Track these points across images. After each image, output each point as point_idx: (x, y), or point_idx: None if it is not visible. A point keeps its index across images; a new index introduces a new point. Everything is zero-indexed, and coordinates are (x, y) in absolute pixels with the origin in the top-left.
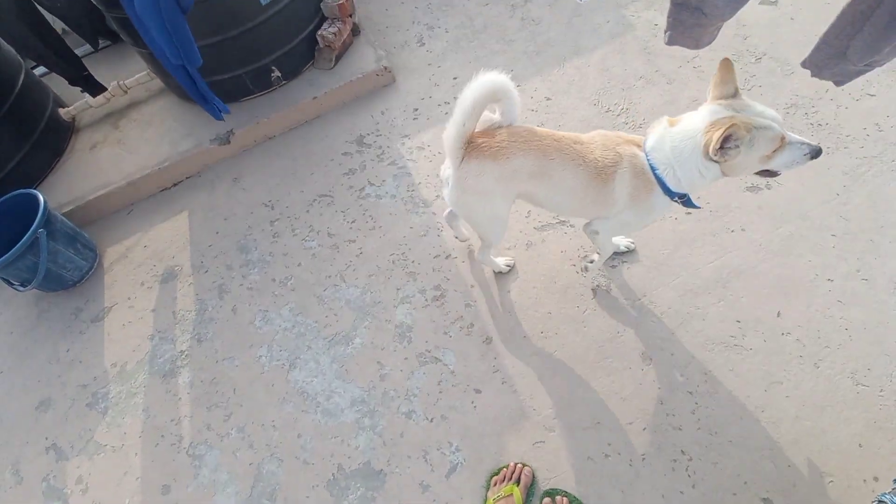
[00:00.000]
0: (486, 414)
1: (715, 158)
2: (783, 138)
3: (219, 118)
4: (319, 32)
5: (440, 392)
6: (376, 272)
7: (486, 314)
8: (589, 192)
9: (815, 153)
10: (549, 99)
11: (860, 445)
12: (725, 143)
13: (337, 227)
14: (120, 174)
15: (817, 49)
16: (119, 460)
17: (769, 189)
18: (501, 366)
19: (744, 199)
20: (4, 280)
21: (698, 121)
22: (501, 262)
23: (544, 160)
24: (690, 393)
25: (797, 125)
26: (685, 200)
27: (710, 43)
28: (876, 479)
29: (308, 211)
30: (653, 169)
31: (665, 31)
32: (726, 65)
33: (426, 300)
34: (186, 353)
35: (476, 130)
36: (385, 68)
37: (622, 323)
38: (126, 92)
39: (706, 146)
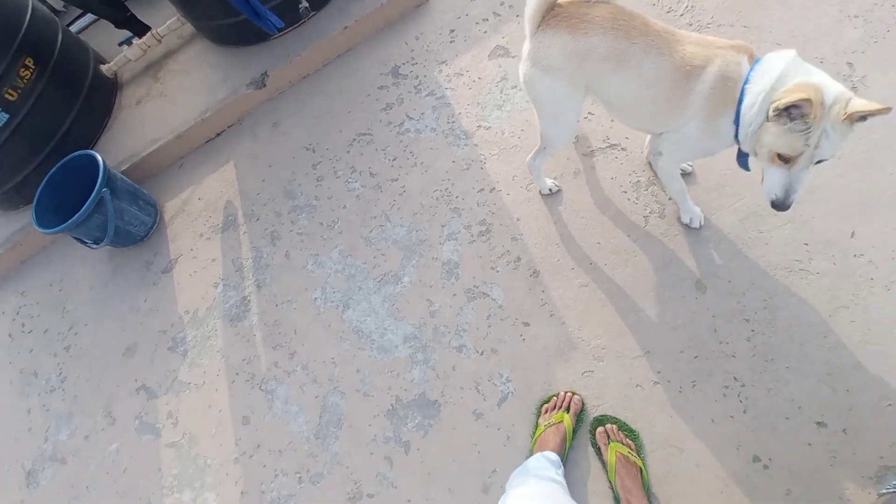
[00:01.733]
0: (535, 346)
1: (771, 114)
2: (793, 159)
3: (273, 32)
4: None
5: (489, 326)
6: (420, 210)
7: (533, 247)
8: (665, 88)
9: (778, 203)
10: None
11: None
12: (793, 108)
13: (378, 166)
14: (167, 128)
15: None
16: (202, 396)
17: (856, 91)
18: (549, 298)
19: None
20: (78, 239)
21: (806, 75)
22: (549, 182)
23: (626, 43)
24: (747, 320)
25: (887, 17)
26: (741, 157)
27: None
28: None
29: (349, 151)
30: (745, 82)
31: None
32: None
33: (472, 236)
34: (249, 298)
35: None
36: None
37: (676, 250)
38: (160, 41)
39: (779, 98)
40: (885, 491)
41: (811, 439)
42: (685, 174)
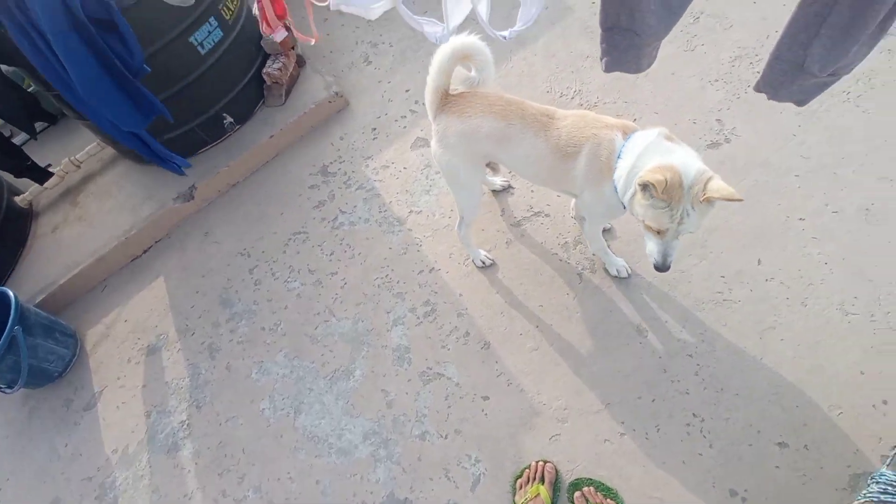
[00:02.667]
0: (499, 419)
1: (636, 186)
2: (662, 231)
3: (180, 174)
4: (265, 70)
5: (449, 407)
6: (364, 300)
7: (480, 319)
8: (548, 163)
9: (658, 267)
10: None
11: (862, 373)
12: (646, 188)
13: (317, 263)
14: (86, 252)
15: (771, 67)
16: None
17: (728, 143)
18: (504, 368)
19: (707, 157)
20: None
21: (667, 154)
22: (482, 253)
23: (503, 123)
24: (690, 356)
25: (743, 76)
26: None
27: (651, 63)
28: (885, 402)
29: (285, 251)
30: (619, 157)
31: (601, 59)
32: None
33: (418, 318)
34: (187, 422)
35: (459, 91)
36: (336, 94)
37: (612, 301)
38: (79, 166)
39: (641, 176)
40: (856, 501)
41: (777, 461)
42: (605, 230)
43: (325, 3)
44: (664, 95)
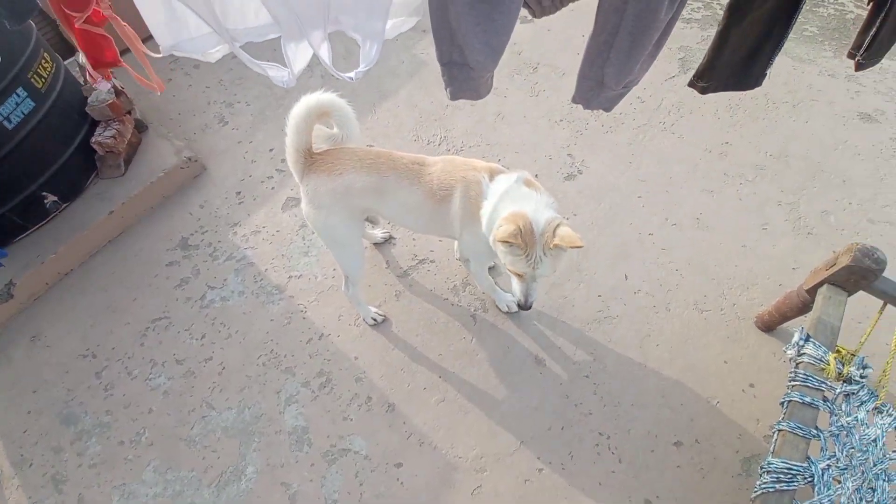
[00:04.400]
0: (416, 485)
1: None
2: (521, 275)
3: None
4: (94, 140)
5: (361, 485)
6: (248, 383)
7: (380, 380)
8: (426, 210)
9: (521, 306)
10: (371, 145)
11: (725, 362)
12: (505, 242)
13: (185, 350)
14: None
15: (579, 84)
16: None
17: (581, 174)
18: (413, 427)
19: (566, 188)
20: None
21: (522, 201)
22: (372, 310)
23: (377, 177)
24: (587, 376)
25: (581, 115)
26: None
27: (489, 90)
28: (751, 385)
29: (142, 344)
30: (484, 198)
31: (445, 88)
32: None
33: (313, 391)
34: None
35: (323, 149)
36: (189, 158)
37: (509, 336)
38: None
39: (496, 231)
40: (755, 494)
41: (678, 461)
42: (491, 268)
43: (160, 55)
44: (520, 136)
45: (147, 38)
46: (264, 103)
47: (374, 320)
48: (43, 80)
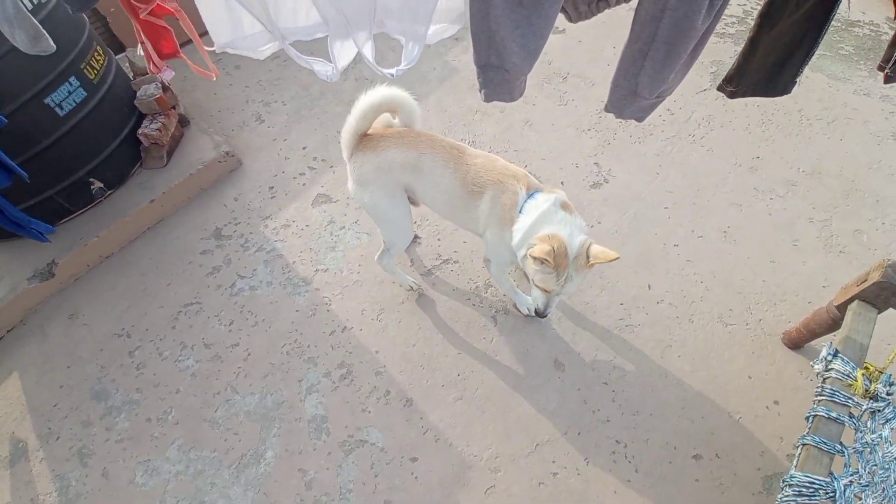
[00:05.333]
0: (430, 480)
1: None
2: (548, 290)
3: (44, 241)
4: (140, 131)
5: (376, 476)
6: (271, 370)
7: (399, 375)
8: (455, 197)
9: (539, 314)
10: None
11: (749, 377)
12: (538, 261)
13: (213, 335)
14: None
15: (612, 92)
16: None
17: (607, 183)
18: (429, 423)
19: (591, 196)
20: None
21: (558, 225)
22: (409, 279)
23: (415, 153)
24: (605, 383)
25: (609, 125)
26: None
27: (522, 93)
28: (776, 402)
29: (174, 327)
30: (520, 211)
31: (480, 90)
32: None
33: (333, 382)
34: None
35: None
36: (227, 153)
37: (529, 340)
38: None
39: (531, 250)
40: None
41: (696, 474)
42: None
43: (213, 48)
44: (548, 144)
45: (202, 34)
46: (300, 103)
47: (412, 288)
48: (95, 71)
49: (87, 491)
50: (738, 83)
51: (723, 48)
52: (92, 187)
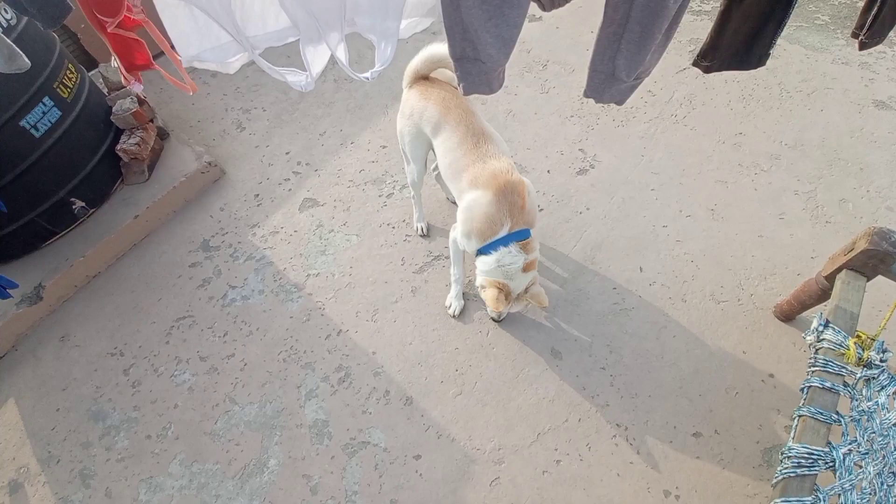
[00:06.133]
0: (434, 476)
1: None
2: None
3: (6, 297)
4: (119, 147)
5: (381, 476)
6: (269, 378)
7: (397, 375)
8: (455, 169)
9: (494, 319)
10: (384, 147)
11: (744, 352)
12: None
13: (208, 348)
14: None
15: (591, 77)
16: None
17: (593, 168)
18: (431, 420)
19: (578, 183)
20: None
21: (513, 279)
22: (423, 223)
23: (442, 113)
24: (603, 368)
25: (592, 110)
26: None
27: (501, 85)
28: (771, 375)
29: (168, 342)
30: (491, 248)
31: (459, 84)
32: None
33: (332, 386)
34: None
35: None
36: (209, 163)
37: (524, 330)
38: None
39: (483, 290)
40: (775, 480)
41: (697, 452)
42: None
43: (182, 64)
44: (532, 133)
45: (174, 46)
46: (280, 108)
47: (421, 229)
48: (69, 90)
49: None
50: (713, 57)
51: (700, 26)
52: (73, 207)
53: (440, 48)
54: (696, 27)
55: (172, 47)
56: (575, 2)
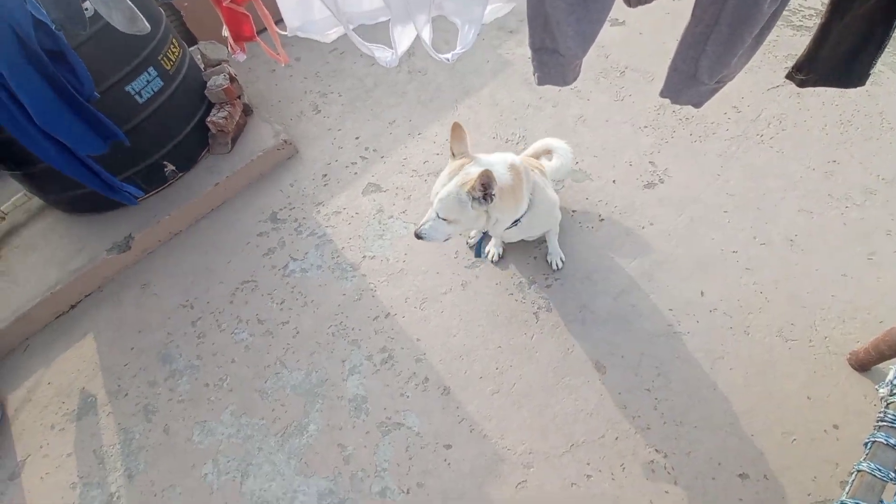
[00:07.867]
0: (462, 468)
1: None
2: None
3: (133, 203)
4: (209, 119)
5: (410, 459)
6: (317, 349)
7: (438, 364)
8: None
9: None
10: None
11: (808, 398)
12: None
13: (266, 312)
14: (6, 310)
15: (669, 77)
16: None
17: (663, 183)
18: (466, 414)
19: (645, 197)
20: None
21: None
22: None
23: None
24: (648, 390)
25: (668, 122)
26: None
27: (576, 78)
28: (836, 426)
29: (232, 302)
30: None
31: (534, 74)
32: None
33: (375, 365)
34: (118, 493)
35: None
36: (285, 141)
37: (570, 338)
38: (4, 217)
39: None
40: None
41: (740, 494)
42: (558, 269)
43: (286, 32)
44: (601, 140)
45: (277, 21)
46: (354, 95)
47: (497, 255)
48: (171, 62)
49: (149, 444)
50: (809, 70)
51: (800, 42)
52: (165, 170)
53: (535, 145)
54: (794, 42)
55: (277, 22)
56: (663, 7)
